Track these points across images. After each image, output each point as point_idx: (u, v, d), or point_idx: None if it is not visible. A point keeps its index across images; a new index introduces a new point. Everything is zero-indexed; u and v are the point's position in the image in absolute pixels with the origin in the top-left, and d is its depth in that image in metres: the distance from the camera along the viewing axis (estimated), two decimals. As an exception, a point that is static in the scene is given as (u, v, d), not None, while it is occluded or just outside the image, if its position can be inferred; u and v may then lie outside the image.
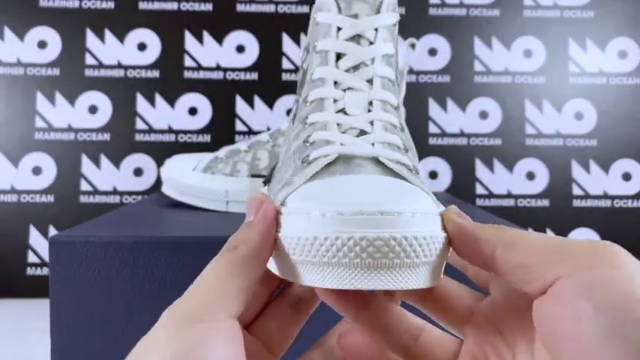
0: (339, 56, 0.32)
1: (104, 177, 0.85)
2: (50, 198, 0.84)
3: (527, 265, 0.19)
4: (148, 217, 0.54)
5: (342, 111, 0.30)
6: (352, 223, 0.21)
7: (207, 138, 0.87)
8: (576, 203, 0.86)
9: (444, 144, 0.87)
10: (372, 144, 0.28)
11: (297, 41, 0.87)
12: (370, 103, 0.30)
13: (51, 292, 0.43)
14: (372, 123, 0.29)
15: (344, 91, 0.31)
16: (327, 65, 0.32)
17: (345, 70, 0.31)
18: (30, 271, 0.83)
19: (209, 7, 0.86)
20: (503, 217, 0.59)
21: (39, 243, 0.83)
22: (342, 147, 0.27)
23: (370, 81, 0.31)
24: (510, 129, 0.87)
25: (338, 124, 0.29)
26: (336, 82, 0.31)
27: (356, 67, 0.31)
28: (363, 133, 0.29)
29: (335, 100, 0.30)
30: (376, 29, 0.33)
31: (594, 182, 0.86)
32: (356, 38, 0.32)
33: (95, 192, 0.85)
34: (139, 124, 0.86)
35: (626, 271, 0.16)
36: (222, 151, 0.56)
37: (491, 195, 0.86)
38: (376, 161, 0.27)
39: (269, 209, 0.25)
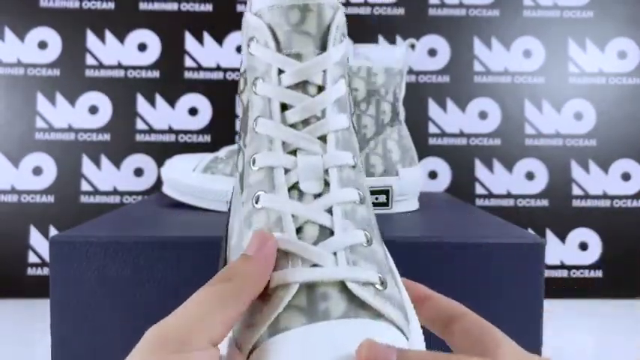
0: (284, 106, 0.28)
1: (104, 177, 0.85)
2: (50, 198, 0.84)
3: None
4: (148, 217, 0.54)
5: (296, 187, 0.27)
6: None
7: (207, 138, 0.87)
8: (576, 203, 0.86)
9: (443, 144, 0.87)
10: (335, 253, 0.25)
11: (296, 41, 0.87)
12: (326, 172, 0.27)
13: (51, 292, 0.43)
14: (330, 211, 0.26)
15: (294, 154, 0.27)
16: (272, 119, 0.28)
17: (293, 123, 0.28)
18: (30, 271, 0.83)
19: (209, 7, 0.86)
20: (503, 218, 0.59)
21: (39, 243, 0.84)
22: (303, 271, 0.24)
23: (324, 138, 0.28)
24: (510, 129, 0.87)
25: (293, 216, 0.26)
26: (284, 142, 0.27)
27: (305, 122, 0.28)
28: (322, 229, 0.25)
29: (286, 170, 0.27)
30: (325, 70, 0.28)
31: (594, 182, 0.86)
32: (301, 85, 0.28)
33: (95, 192, 0.85)
34: (140, 125, 0.86)
35: None
36: (223, 151, 0.56)
37: (490, 195, 0.86)
38: (342, 286, 0.24)
39: (270, 252, 0.25)
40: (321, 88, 0.28)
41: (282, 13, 0.28)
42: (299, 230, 0.26)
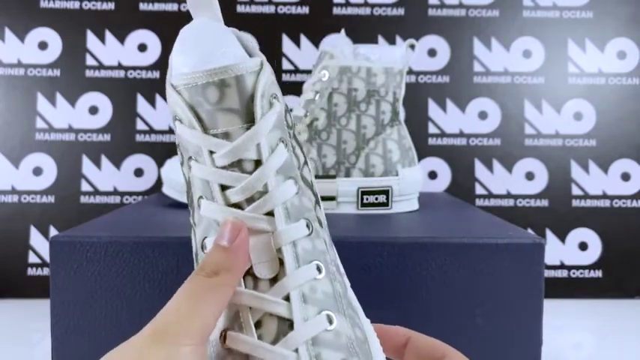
0: (223, 186, 0.26)
1: (105, 177, 0.85)
2: (51, 198, 0.85)
3: None
4: (148, 217, 0.54)
5: (250, 273, 0.26)
6: None
7: (207, 138, 0.87)
8: (575, 203, 0.86)
9: (443, 144, 0.87)
10: (296, 350, 0.24)
11: (296, 42, 0.87)
12: (279, 250, 0.26)
13: (51, 292, 0.43)
14: (287, 298, 0.25)
15: None
16: (214, 201, 0.26)
17: (236, 203, 0.26)
18: (30, 271, 0.83)
19: (209, 7, 0.86)
20: (503, 218, 0.59)
21: (39, 243, 0.84)
22: None
23: (271, 213, 0.26)
24: (509, 129, 0.87)
25: (251, 308, 0.25)
26: None
27: (250, 200, 0.26)
28: (281, 321, 0.25)
29: None
30: (258, 143, 0.26)
31: (593, 182, 0.86)
32: (236, 164, 0.26)
33: (96, 192, 0.85)
34: (140, 125, 0.86)
35: None
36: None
37: (490, 195, 0.87)
38: None
39: (245, 240, 0.25)
40: (258, 162, 0.26)
41: (199, 92, 0.26)
42: (258, 325, 0.25)
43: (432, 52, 0.88)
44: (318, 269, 0.26)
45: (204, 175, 0.27)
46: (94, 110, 0.86)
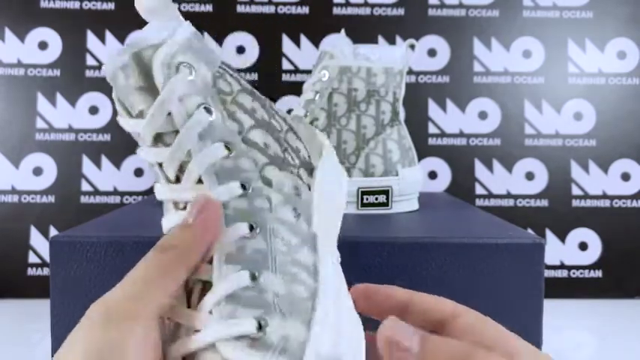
0: (160, 164, 0.27)
1: (105, 177, 0.85)
2: (51, 198, 0.85)
3: None
4: (148, 217, 0.54)
5: None
6: None
7: (207, 138, 0.87)
8: (575, 203, 0.86)
9: (443, 144, 0.87)
10: (211, 312, 0.24)
11: (296, 42, 0.87)
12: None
13: (51, 292, 0.43)
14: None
15: (183, 208, 0.26)
16: (159, 182, 0.27)
17: (175, 179, 0.27)
18: (30, 271, 0.83)
19: (209, 7, 0.86)
20: (503, 218, 0.59)
21: (40, 243, 0.84)
22: (182, 344, 0.23)
23: (201, 180, 0.26)
24: (509, 129, 0.87)
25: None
26: (173, 200, 0.26)
27: (182, 170, 0.26)
28: (206, 285, 0.25)
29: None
30: (169, 112, 0.26)
31: (593, 182, 0.86)
32: (159, 138, 0.26)
33: (96, 192, 0.85)
34: (140, 125, 0.86)
35: None
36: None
37: (490, 195, 0.86)
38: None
39: (211, 216, 0.25)
40: (176, 132, 0.26)
41: (115, 78, 0.26)
42: (191, 293, 0.25)
43: (432, 52, 0.88)
44: (251, 227, 0.25)
45: (144, 157, 0.27)
46: (94, 110, 0.86)
